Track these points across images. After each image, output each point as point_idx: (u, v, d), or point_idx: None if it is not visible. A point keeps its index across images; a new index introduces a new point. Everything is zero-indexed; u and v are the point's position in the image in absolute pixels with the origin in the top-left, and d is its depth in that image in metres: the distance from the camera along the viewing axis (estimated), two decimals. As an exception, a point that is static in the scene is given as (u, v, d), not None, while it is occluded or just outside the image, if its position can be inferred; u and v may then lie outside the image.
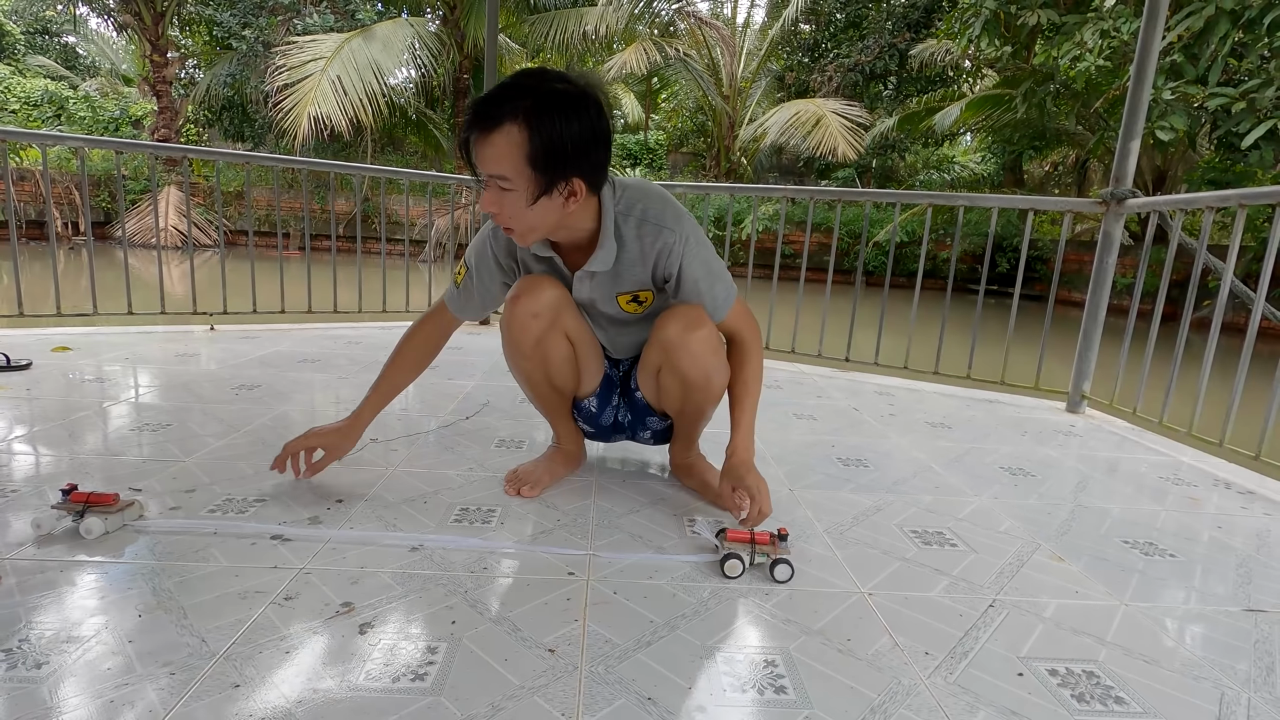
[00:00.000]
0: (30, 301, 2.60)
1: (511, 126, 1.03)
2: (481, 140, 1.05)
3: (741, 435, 1.26)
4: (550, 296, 1.25)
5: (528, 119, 1.03)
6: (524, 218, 1.11)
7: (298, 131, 10.51)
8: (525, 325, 1.25)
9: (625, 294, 1.27)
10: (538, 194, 1.08)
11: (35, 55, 17.38)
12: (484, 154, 1.06)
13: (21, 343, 2.37)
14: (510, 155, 1.04)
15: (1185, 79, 6.80)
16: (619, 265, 1.23)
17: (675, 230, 1.20)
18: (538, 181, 1.07)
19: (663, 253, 1.21)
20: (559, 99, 1.05)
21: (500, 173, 1.06)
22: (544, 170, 1.06)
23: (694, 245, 1.21)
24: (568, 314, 1.28)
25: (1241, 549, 1.32)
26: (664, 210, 1.21)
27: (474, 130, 1.05)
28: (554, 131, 1.04)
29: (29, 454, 1.42)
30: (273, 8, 12.39)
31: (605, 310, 1.31)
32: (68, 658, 0.80)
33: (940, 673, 0.87)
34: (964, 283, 11.00)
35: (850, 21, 13.61)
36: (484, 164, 1.06)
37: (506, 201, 1.09)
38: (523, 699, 0.78)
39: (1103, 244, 2.34)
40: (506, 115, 1.03)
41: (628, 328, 1.36)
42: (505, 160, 1.05)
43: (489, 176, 1.07)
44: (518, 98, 1.04)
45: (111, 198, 12.83)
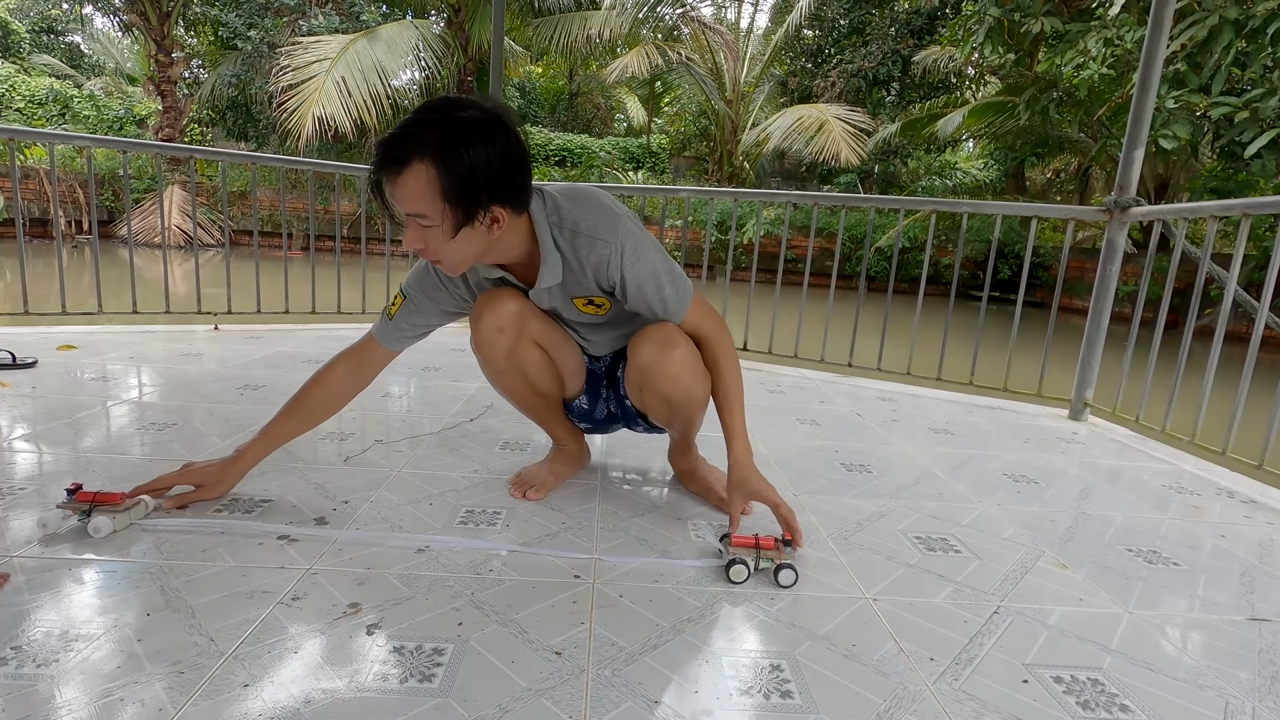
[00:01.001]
0: (35, 300, 2.61)
1: (420, 165, 1.00)
2: (392, 182, 1.02)
3: (738, 444, 1.23)
4: (511, 308, 1.23)
5: (435, 154, 1.00)
6: (449, 251, 1.08)
7: (302, 132, 10.54)
8: (493, 340, 1.25)
9: (580, 298, 1.25)
10: (457, 226, 1.04)
11: (41, 54, 17.43)
12: (397, 194, 1.03)
13: (26, 341, 2.38)
14: (423, 193, 1.01)
15: (1188, 88, 6.82)
16: (567, 277, 1.20)
17: (609, 240, 1.15)
18: (454, 215, 1.03)
19: (599, 265, 1.17)
20: (465, 128, 1.01)
21: (417, 211, 1.03)
22: (459, 203, 1.02)
23: (632, 252, 1.16)
24: (533, 321, 1.27)
25: (1244, 558, 1.33)
26: (597, 220, 1.16)
27: (383, 172, 1.02)
28: (463, 163, 1.00)
29: (33, 453, 1.42)
30: (278, 9, 12.43)
31: (571, 317, 1.30)
32: (76, 656, 0.80)
33: (945, 679, 0.88)
34: (966, 289, 11.01)
35: (854, 27, 13.65)
36: (400, 203, 1.03)
37: (429, 237, 1.06)
38: (530, 701, 0.78)
39: (1106, 252, 2.35)
40: (414, 154, 1.00)
41: (599, 329, 1.34)
42: (419, 199, 1.01)
43: (407, 215, 1.04)
44: (423, 133, 1.00)
45: (116, 197, 12.86)
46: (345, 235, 12.25)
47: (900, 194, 13.93)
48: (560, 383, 1.38)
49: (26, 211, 12.18)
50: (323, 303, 3.11)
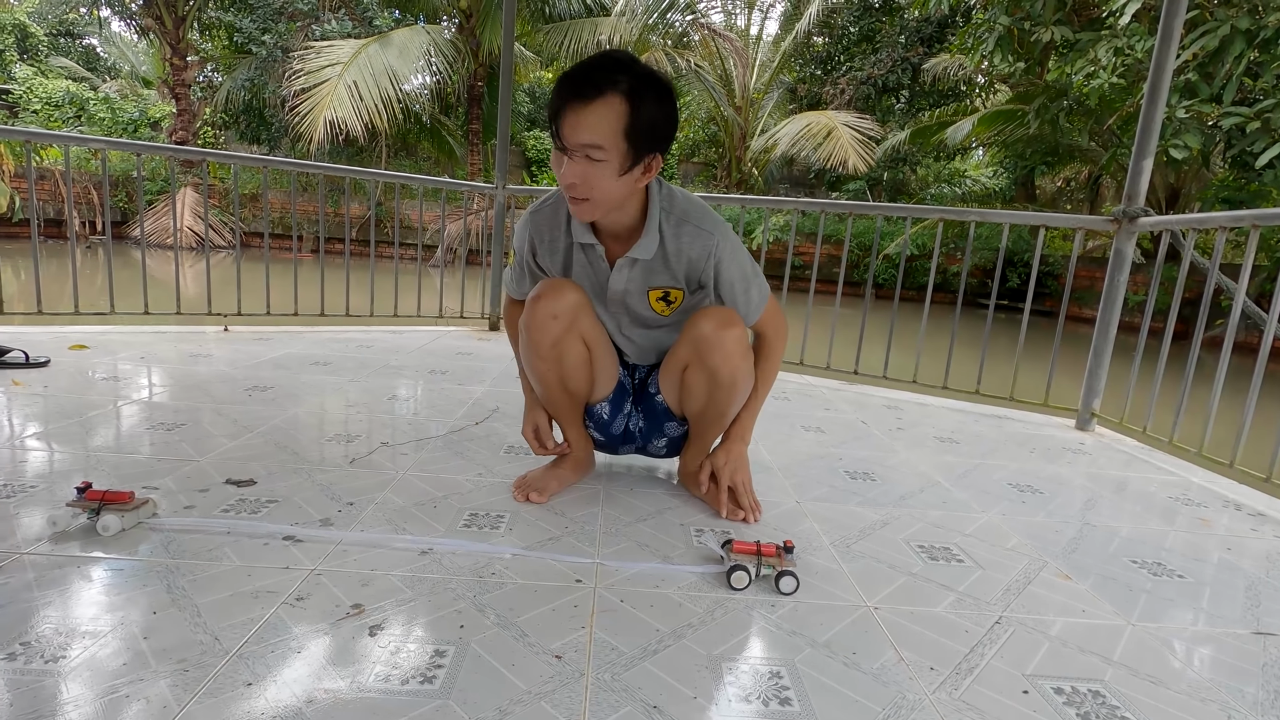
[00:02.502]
0: (48, 300, 2.64)
1: (614, 98, 1.07)
2: (580, 108, 1.07)
3: (736, 426, 1.36)
4: (571, 299, 1.26)
5: (629, 94, 1.08)
6: (605, 188, 1.13)
7: (313, 135, 10.63)
8: (545, 325, 1.27)
9: (657, 289, 1.30)
10: (627, 166, 1.12)
11: (57, 57, 17.65)
12: (582, 122, 1.08)
13: (39, 340, 2.40)
14: (609, 126, 1.08)
15: (1200, 97, 6.78)
16: (656, 261, 1.26)
17: (714, 233, 1.24)
18: (628, 154, 1.11)
19: (700, 256, 1.25)
20: (654, 81, 1.11)
21: (595, 141, 1.09)
22: (635, 144, 1.11)
23: (731, 251, 1.26)
24: (586, 318, 1.30)
25: (1251, 571, 1.32)
26: (703, 214, 1.26)
27: (572, 99, 1.07)
28: (648, 109, 1.09)
29: (44, 451, 1.44)
30: (292, 13, 12.55)
31: (635, 307, 1.33)
32: (82, 652, 0.81)
33: (945, 688, 0.88)
34: (974, 297, 10.97)
35: (863, 35, 13.65)
36: (579, 132, 1.09)
37: (592, 172, 1.11)
38: (530, 704, 0.79)
39: (1114, 262, 2.34)
40: (609, 87, 1.07)
41: (651, 331, 1.39)
42: (603, 129, 1.08)
43: (580, 145, 1.09)
44: (618, 72, 1.08)
45: (129, 198, 12.99)
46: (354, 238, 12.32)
47: (909, 201, 13.91)
48: (591, 384, 1.40)
49: (41, 212, 12.32)
50: (332, 305, 3.13)
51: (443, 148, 14.39)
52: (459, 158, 14.43)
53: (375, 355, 2.63)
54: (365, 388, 2.15)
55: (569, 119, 1.09)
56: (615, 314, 1.36)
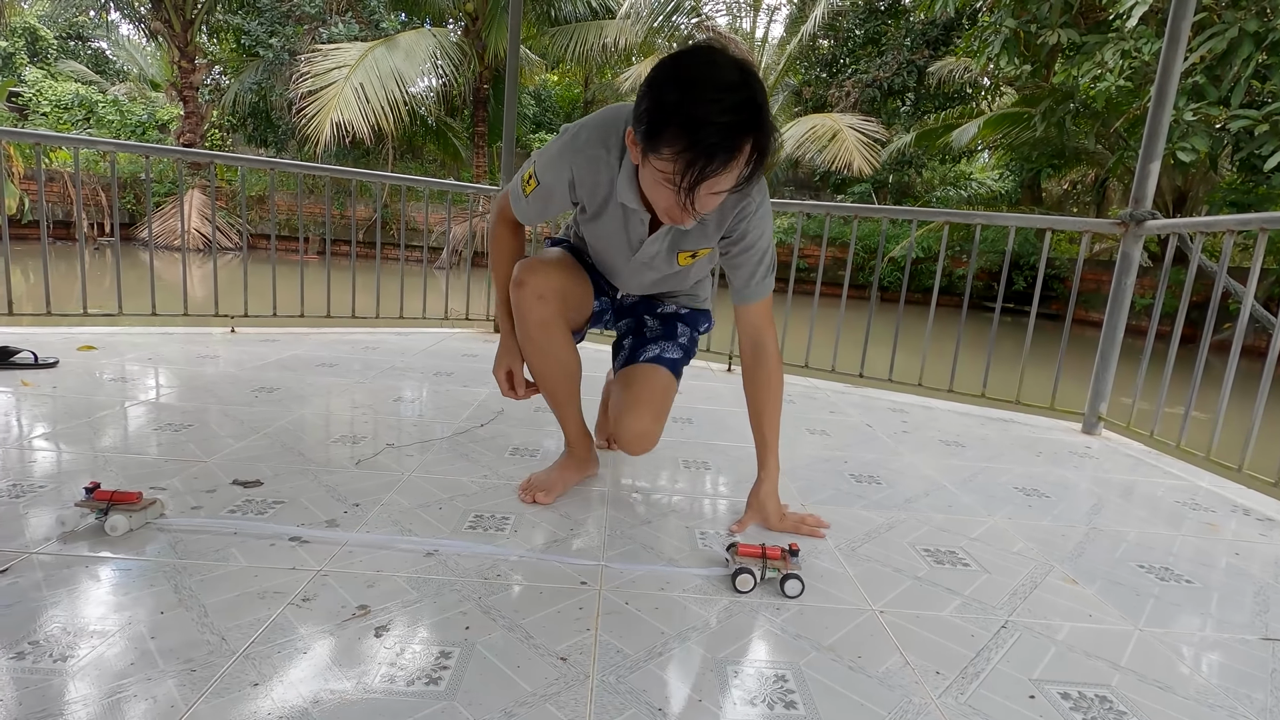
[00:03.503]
0: (57, 301, 2.66)
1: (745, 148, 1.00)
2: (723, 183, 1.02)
3: (772, 463, 1.33)
4: (555, 282, 1.31)
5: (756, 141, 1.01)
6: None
7: (320, 138, 10.68)
8: (531, 306, 1.31)
9: (687, 251, 1.30)
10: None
11: (67, 60, 17.77)
12: (717, 197, 1.04)
13: (48, 341, 2.42)
14: (738, 176, 1.03)
15: (1207, 100, 6.75)
16: (696, 228, 1.23)
17: (754, 195, 1.21)
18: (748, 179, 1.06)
19: (741, 212, 1.22)
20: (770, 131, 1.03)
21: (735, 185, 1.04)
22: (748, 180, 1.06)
23: (765, 214, 1.25)
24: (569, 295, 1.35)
25: (1260, 576, 1.31)
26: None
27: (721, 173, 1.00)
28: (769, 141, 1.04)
29: (53, 451, 1.45)
30: (299, 16, 12.61)
31: (658, 264, 1.33)
32: (90, 651, 0.82)
33: (951, 693, 0.87)
34: (980, 300, 10.94)
35: (869, 38, 13.64)
36: (709, 204, 1.05)
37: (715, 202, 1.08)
38: (535, 706, 0.79)
39: (1121, 265, 2.33)
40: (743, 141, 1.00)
41: (650, 282, 1.42)
42: (732, 182, 1.03)
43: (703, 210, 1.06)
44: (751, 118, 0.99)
45: (137, 200, 13.07)
46: (361, 240, 12.37)
47: (914, 204, 13.88)
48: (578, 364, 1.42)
49: (50, 214, 12.41)
50: (337, 307, 3.15)
51: (448, 150, 14.44)
52: (464, 160, 14.47)
53: (381, 357, 2.64)
54: (371, 389, 2.15)
55: (709, 186, 1.01)
56: (637, 265, 1.34)
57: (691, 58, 1.02)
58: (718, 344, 3.02)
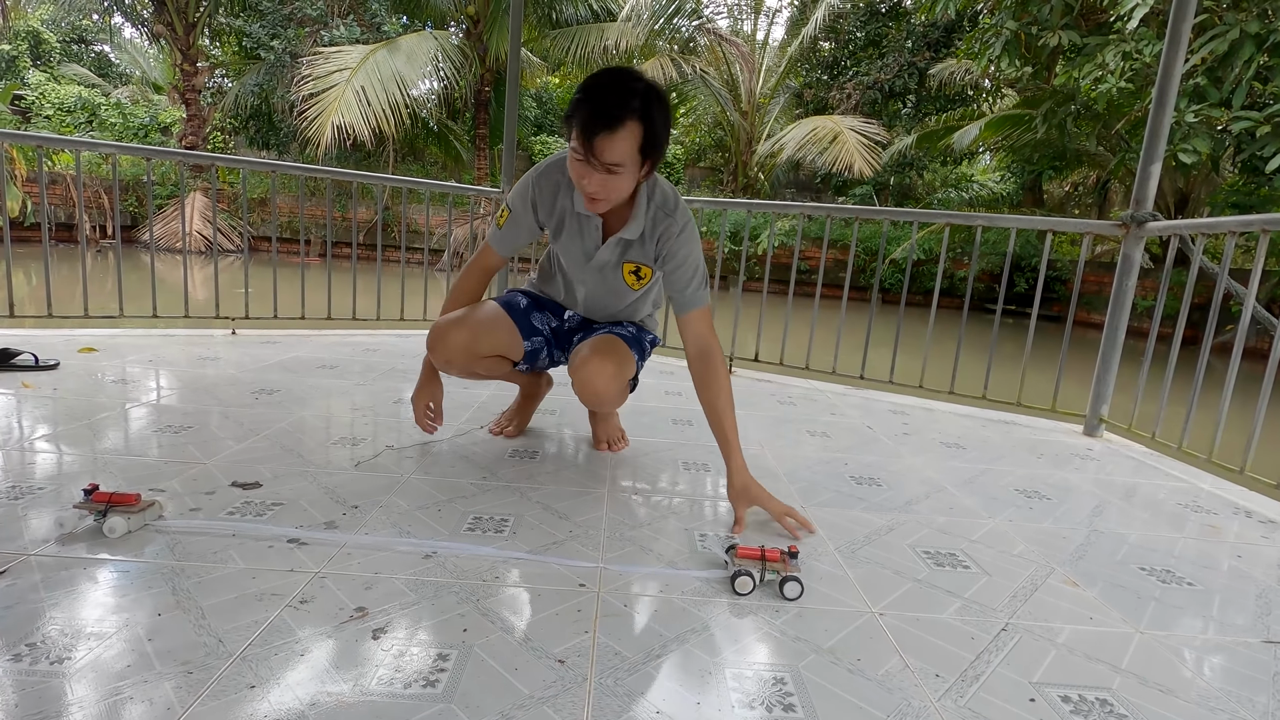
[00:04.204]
0: (58, 303, 2.66)
1: (632, 124, 1.24)
2: (608, 137, 1.23)
3: (737, 454, 1.39)
4: (458, 342, 1.50)
5: (643, 118, 1.24)
6: (620, 192, 1.32)
7: (321, 140, 10.69)
8: (446, 370, 1.57)
9: (631, 263, 1.51)
10: (638, 173, 1.31)
11: (70, 63, 17.82)
12: (608, 148, 1.24)
13: (49, 343, 2.42)
14: (630, 147, 1.25)
15: (1209, 102, 6.74)
16: (639, 239, 1.46)
17: (678, 220, 1.44)
18: (641, 164, 1.30)
19: (665, 234, 1.44)
20: (660, 99, 1.27)
21: (619, 161, 1.25)
22: (647, 155, 1.29)
23: (689, 237, 1.45)
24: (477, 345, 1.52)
25: (1262, 579, 1.30)
26: (677, 203, 1.45)
27: (601, 130, 1.22)
28: (658, 126, 1.27)
29: (53, 453, 1.45)
30: (301, 19, 12.64)
31: (609, 276, 1.54)
32: (88, 653, 0.82)
33: (951, 695, 0.87)
34: (981, 302, 10.91)
35: (870, 40, 13.65)
36: (605, 155, 1.24)
37: (612, 182, 1.29)
38: (532, 709, 0.78)
39: (1122, 267, 2.33)
40: (629, 116, 1.23)
41: (612, 298, 1.60)
42: (625, 151, 1.25)
43: (605, 165, 1.25)
44: (634, 99, 1.23)
45: (139, 202, 13.10)
46: (362, 242, 12.39)
47: (915, 206, 13.87)
48: (507, 363, 1.62)
49: (52, 216, 12.44)
50: (338, 309, 3.15)
51: (450, 152, 14.46)
52: (466, 162, 14.49)
53: (381, 359, 2.64)
54: (371, 391, 2.15)
55: (599, 146, 1.23)
56: (594, 275, 1.55)
57: (600, 73, 1.29)
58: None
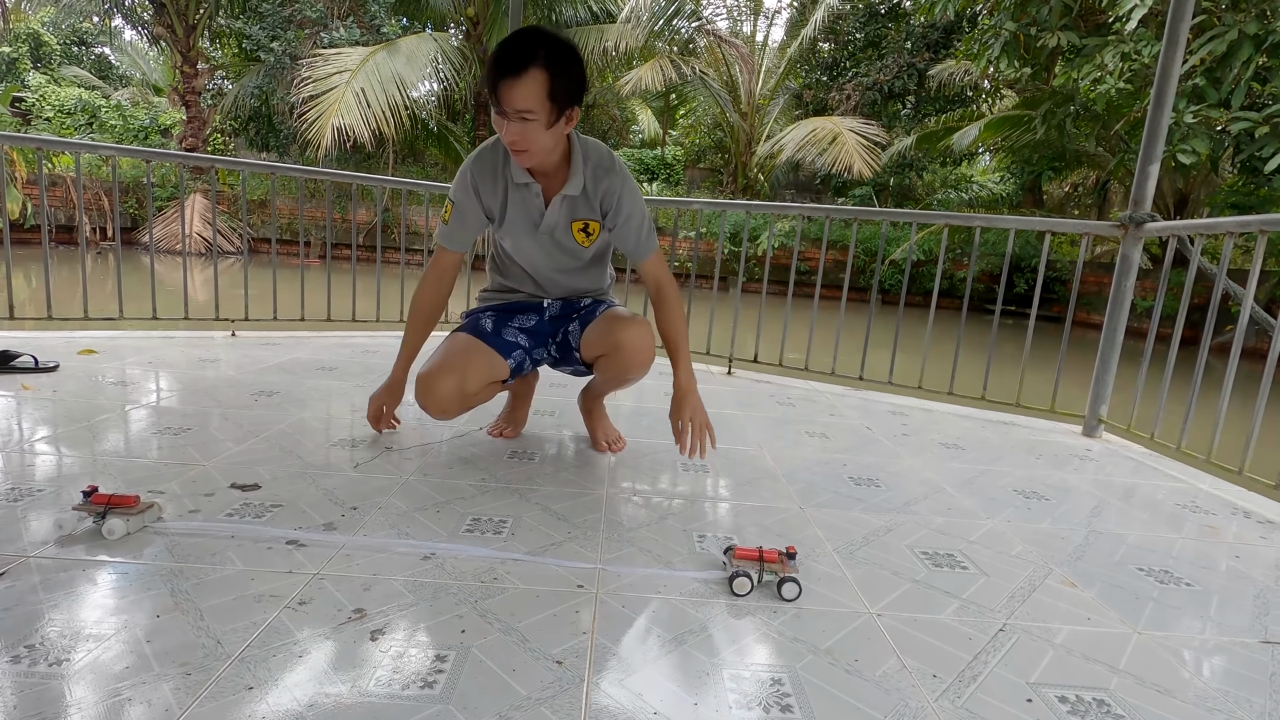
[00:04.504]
0: (58, 305, 2.66)
1: (536, 70, 1.30)
2: (512, 82, 1.29)
3: (683, 371, 1.54)
4: (448, 390, 1.52)
5: (547, 65, 1.30)
6: (539, 140, 1.36)
7: (321, 142, 10.70)
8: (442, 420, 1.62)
9: (579, 221, 1.55)
10: (553, 121, 1.35)
11: (70, 65, 17.85)
12: (515, 93, 1.30)
13: (49, 345, 2.42)
14: (536, 92, 1.30)
15: (1207, 102, 6.75)
16: (581, 195, 1.51)
17: (616, 174, 1.51)
18: (553, 111, 1.34)
19: (608, 192, 1.51)
20: (566, 50, 1.33)
21: (527, 107, 1.31)
22: (557, 102, 1.34)
23: (631, 189, 1.53)
24: (467, 386, 1.54)
25: (1260, 580, 1.30)
26: (612, 162, 1.52)
27: (505, 75, 1.29)
28: (565, 75, 1.32)
29: (52, 455, 1.45)
30: (301, 21, 12.64)
31: (560, 238, 1.57)
32: (86, 655, 0.82)
33: (948, 696, 0.87)
34: (980, 303, 10.92)
35: (869, 41, 13.65)
36: (513, 101, 1.30)
37: (527, 130, 1.34)
38: (530, 709, 0.79)
39: (1120, 267, 2.33)
40: (531, 62, 1.29)
41: (569, 274, 1.65)
42: (532, 97, 1.30)
43: (515, 111, 1.31)
44: (538, 47, 1.30)
45: (139, 204, 13.10)
46: (361, 244, 12.39)
47: (915, 207, 13.88)
48: (498, 384, 1.65)
49: (52, 218, 12.44)
50: (338, 310, 3.15)
51: (450, 154, 14.46)
52: (466, 164, 14.47)
53: (381, 360, 2.64)
54: (370, 393, 2.15)
55: (504, 92, 1.31)
56: (544, 245, 1.58)
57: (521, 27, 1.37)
58: (718, 346, 3.02)
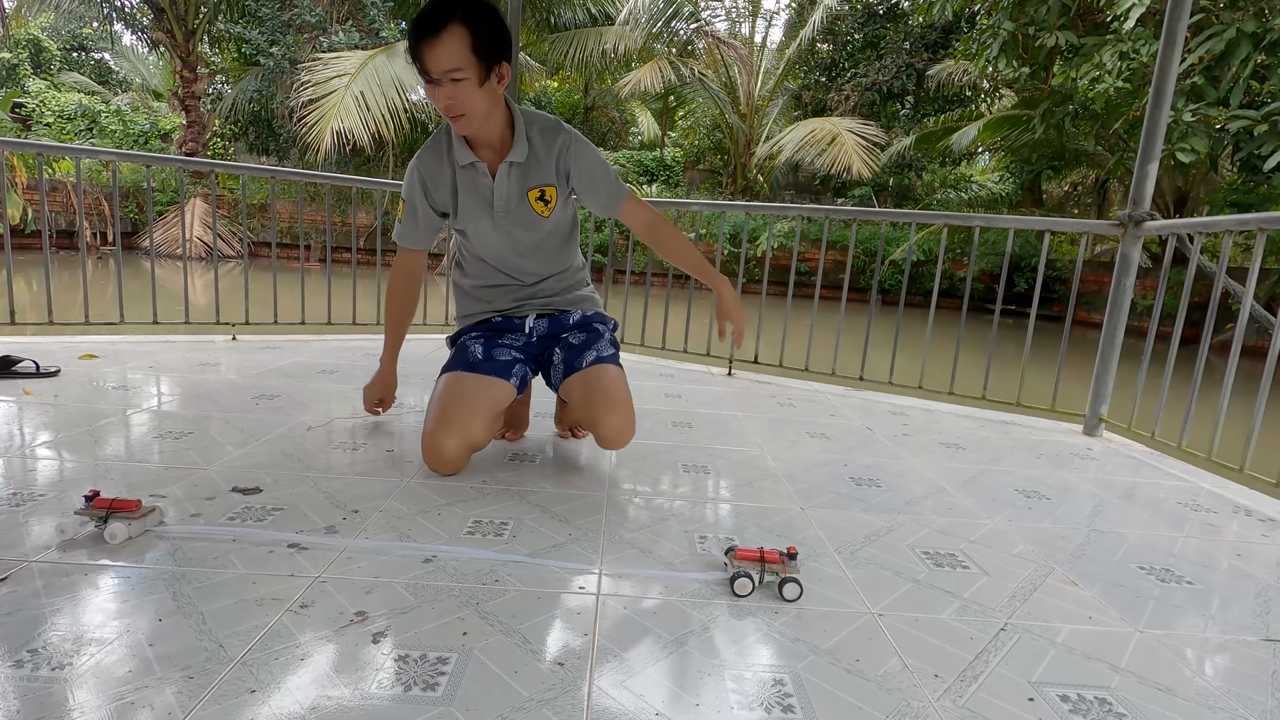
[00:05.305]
0: (59, 310, 2.67)
1: (455, 26, 1.29)
2: (433, 42, 1.29)
3: (721, 284, 1.57)
4: (453, 448, 1.47)
5: (465, 20, 1.30)
6: (473, 101, 1.35)
7: (321, 146, 10.72)
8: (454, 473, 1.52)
9: (534, 189, 1.52)
10: (484, 77, 1.35)
11: (70, 71, 17.88)
12: (438, 54, 1.30)
13: (50, 350, 2.43)
14: (460, 49, 1.30)
15: (1206, 101, 6.75)
16: (530, 161, 1.49)
17: (567, 132, 1.51)
18: (481, 67, 1.33)
19: (562, 149, 1.50)
20: (480, 3, 1.32)
21: (454, 65, 1.31)
22: (484, 57, 1.33)
23: (582, 144, 1.53)
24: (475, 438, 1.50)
25: (1261, 578, 1.30)
26: (556, 122, 1.52)
27: (425, 37, 1.29)
28: (485, 27, 1.31)
29: (54, 459, 1.45)
30: (300, 25, 12.67)
31: (519, 211, 1.53)
32: (89, 659, 0.82)
33: (950, 696, 0.87)
34: (980, 302, 10.92)
35: (868, 41, 13.67)
36: (439, 63, 1.31)
37: (460, 90, 1.33)
38: (532, 711, 0.79)
39: (1120, 266, 2.33)
40: (449, 19, 1.29)
41: (532, 256, 1.60)
42: (456, 54, 1.30)
43: (443, 72, 1.31)
44: (451, 6, 1.29)
45: (140, 209, 13.12)
46: (361, 247, 12.40)
47: (915, 207, 13.88)
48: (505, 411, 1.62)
49: (53, 223, 12.46)
50: (338, 314, 3.15)
51: (449, 157, 14.46)
52: (465, 167, 14.48)
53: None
54: (371, 396, 2.15)
55: (428, 55, 1.30)
56: (505, 226, 1.54)
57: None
58: (718, 347, 3.02)
